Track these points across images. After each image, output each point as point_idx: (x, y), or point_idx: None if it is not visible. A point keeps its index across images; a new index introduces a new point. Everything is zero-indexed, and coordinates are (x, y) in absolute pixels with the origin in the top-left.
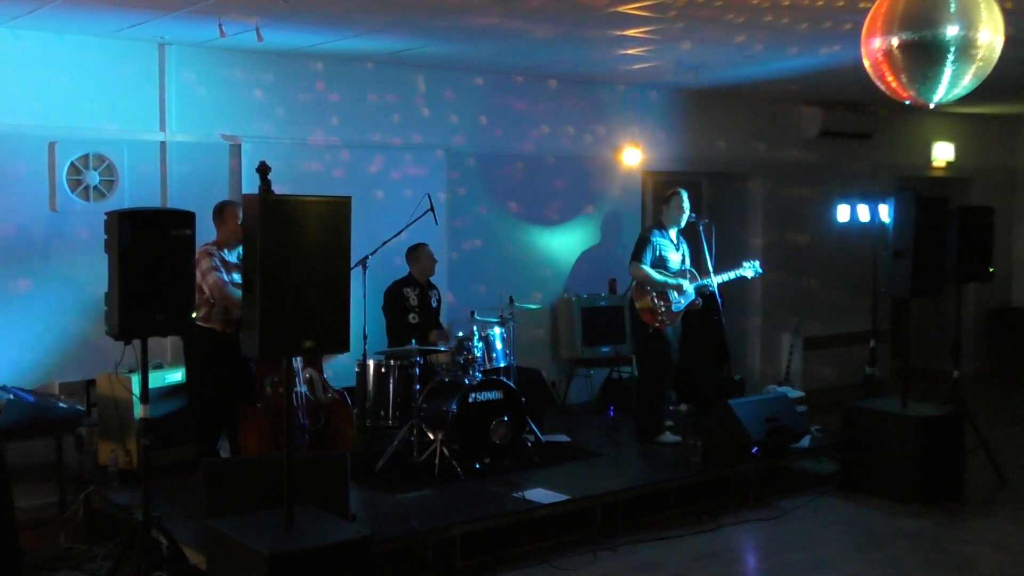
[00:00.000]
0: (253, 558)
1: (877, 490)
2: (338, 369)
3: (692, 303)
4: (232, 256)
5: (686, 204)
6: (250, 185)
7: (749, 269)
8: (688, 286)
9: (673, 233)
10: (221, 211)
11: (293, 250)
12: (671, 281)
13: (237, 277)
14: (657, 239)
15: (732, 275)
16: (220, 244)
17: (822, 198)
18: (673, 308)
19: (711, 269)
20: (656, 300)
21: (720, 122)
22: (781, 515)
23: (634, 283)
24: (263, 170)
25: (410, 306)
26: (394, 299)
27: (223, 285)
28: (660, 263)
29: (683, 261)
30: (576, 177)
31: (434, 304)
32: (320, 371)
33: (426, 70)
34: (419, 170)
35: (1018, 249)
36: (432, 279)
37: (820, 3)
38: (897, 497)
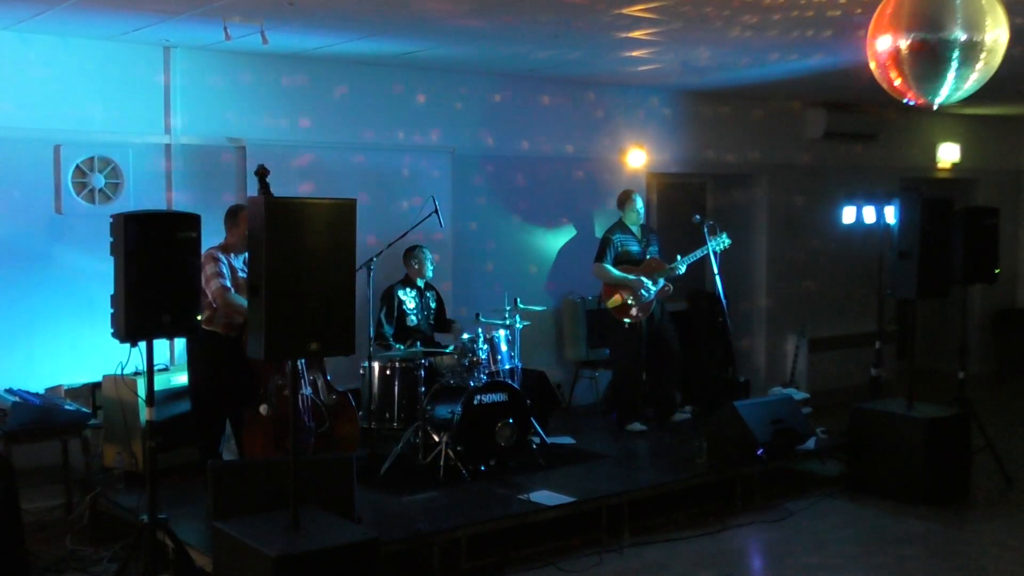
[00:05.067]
0: (259, 560)
1: (883, 492)
2: (343, 371)
3: (662, 289)
4: (239, 260)
5: (640, 204)
6: (255, 187)
7: (716, 244)
8: (647, 280)
9: (635, 230)
10: (235, 214)
11: (298, 252)
12: (630, 277)
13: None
14: (618, 237)
15: (699, 253)
16: (227, 248)
17: (827, 199)
18: (643, 299)
19: (716, 269)
20: (624, 296)
21: (725, 124)
22: (787, 517)
23: (602, 285)
24: (262, 173)
25: (408, 308)
26: (384, 301)
27: (225, 291)
28: (625, 258)
29: (646, 252)
30: (581, 179)
31: (432, 305)
32: (324, 373)
33: (432, 72)
34: (425, 172)
35: None
36: (435, 280)
37: (824, 5)
38: (903, 499)
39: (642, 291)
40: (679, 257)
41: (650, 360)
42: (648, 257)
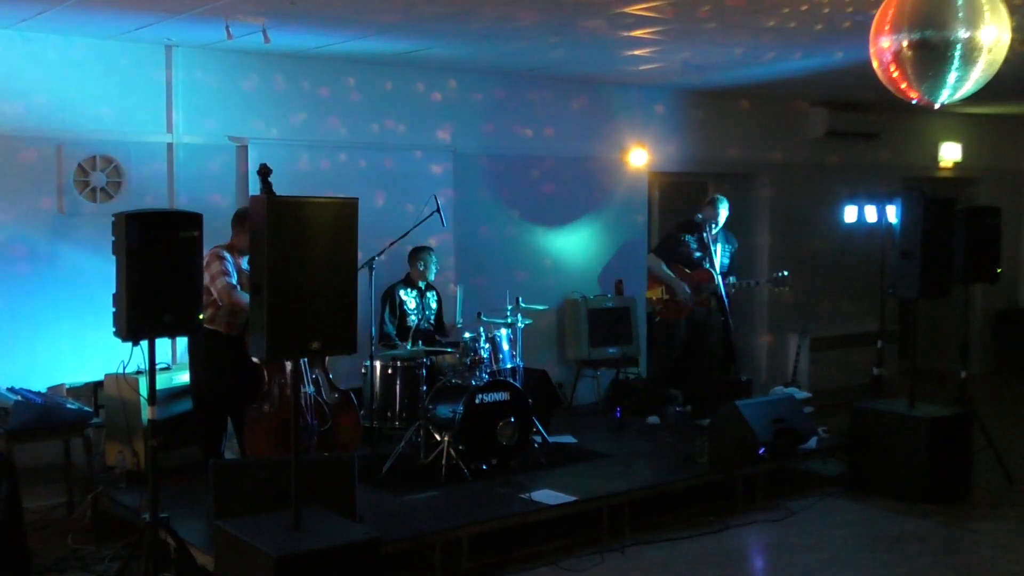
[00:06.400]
0: (261, 559)
1: (885, 491)
2: (344, 370)
3: (702, 299)
4: (245, 262)
5: (722, 215)
6: (257, 187)
7: (768, 283)
8: (687, 288)
9: (704, 235)
10: (243, 219)
11: (300, 251)
12: (672, 276)
13: None
14: (686, 237)
15: (752, 282)
16: (233, 248)
17: (829, 199)
18: (674, 303)
19: (718, 268)
20: (664, 293)
21: (726, 123)
22: (788, 516)
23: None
24: (264, 172)
25: (408, 308)
26: (385, 301)
27: (232, 289)
28: (683, 259)
29: (705, 259)
30: (583, 178)
31: (433, 305)
32: (326, 371)
33: (433, 71)
34: (426, 171)
35: None
36: (436, 280)
37: (825, 5)
38: (905, 498)
39: (680, 295)
40: (731, 279)
41: (687, 356)
42: (704, 265)
